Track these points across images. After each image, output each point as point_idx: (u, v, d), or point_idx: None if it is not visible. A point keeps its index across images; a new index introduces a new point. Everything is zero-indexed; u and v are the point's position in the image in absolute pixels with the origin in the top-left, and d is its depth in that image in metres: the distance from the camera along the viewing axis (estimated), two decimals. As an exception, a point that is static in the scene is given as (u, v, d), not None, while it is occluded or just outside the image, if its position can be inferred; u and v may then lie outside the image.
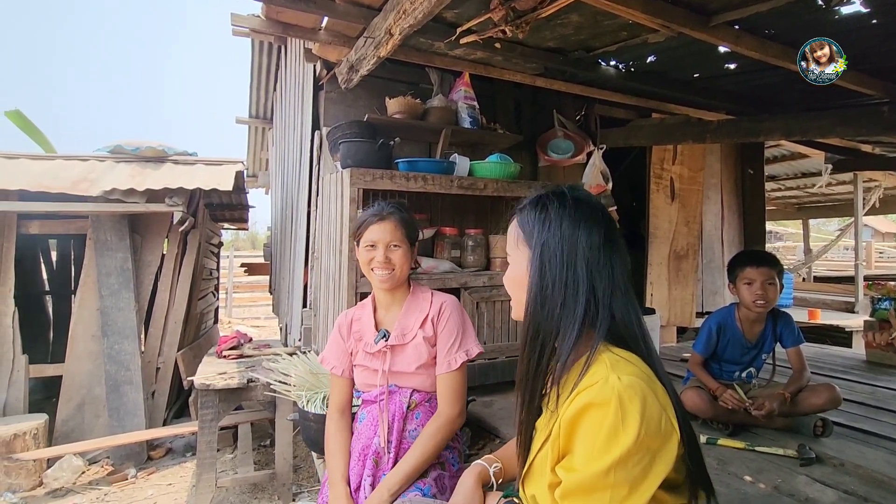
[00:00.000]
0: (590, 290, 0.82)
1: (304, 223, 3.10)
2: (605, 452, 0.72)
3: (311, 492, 2.66)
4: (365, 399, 1.49)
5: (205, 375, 2.55)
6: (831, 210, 8.70)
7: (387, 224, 1.44)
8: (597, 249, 0.84)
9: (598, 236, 0.84)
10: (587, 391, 0.76)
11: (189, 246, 3.85)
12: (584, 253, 0.83)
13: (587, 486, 0.74)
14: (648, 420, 0.73)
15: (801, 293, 6.49)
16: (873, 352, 3.47)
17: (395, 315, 1.50)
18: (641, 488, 0.72)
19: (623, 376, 0.75)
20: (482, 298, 2.54)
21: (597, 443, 0.73)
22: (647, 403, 0.73)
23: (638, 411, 0.72)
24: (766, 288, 2.05)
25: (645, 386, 0.75)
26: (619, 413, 0.72)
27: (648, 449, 0.72)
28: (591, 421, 0.75)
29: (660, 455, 0.73)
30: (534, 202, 0.90)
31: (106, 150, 3.66)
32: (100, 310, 3.25)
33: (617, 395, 0.73)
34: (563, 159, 3.31)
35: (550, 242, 0.84)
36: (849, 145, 4.43)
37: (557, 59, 2.52)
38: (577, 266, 0.83)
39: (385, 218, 1.45)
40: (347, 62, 2.40)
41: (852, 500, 1.56)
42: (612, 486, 0.72)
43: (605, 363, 0.78)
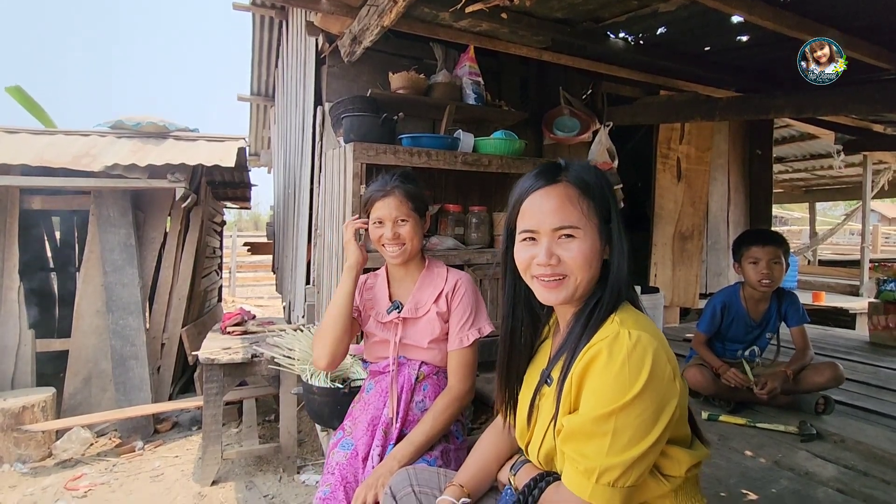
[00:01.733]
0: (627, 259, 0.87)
1: (307, 200, 3.09)
2: (610, 400, 0.74)
3: (315, 465, 2.70)
4: (373, 370, 1.50)
5: (209, 350, 2.58)
6: (839, 193, 8.60)
7: (392, 199, 1.42)
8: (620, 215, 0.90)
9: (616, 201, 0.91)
10: (598, 345, 0.78)
11: (192, 223, 3.84)
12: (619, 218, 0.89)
13: (588, 431, 0.76)
14: (655, 373, 0.74)
15: (806, 276, 6.47)
16: (877, 333, 3.46)
17: (408, 288, 1.50)
18: (642, 440, 0.73)
19: (633, 331, 0.77)
20: (485, 275, 2.53)
21: (603, 391, 0.75)
22: (656, 358, 0.75)
23: (646, 364, 0.74)
24: (772, 267, 2.04)
25: (653, 339, 0.77)
26: (626, 365, 0.74)
27: (653, 400, 0.74)
28: (599, 371, 0.76)
29: (664, 410, 0.74)
30: (593, 170, 0.90)
31: (107, 126, 3.63)
32: (104, 286, 3.27)
33: (626, 347, 0.75)
34: (568, 137, 3.26)
35: (615, 215, 0.88)
36: (860, 125, 4.35)
37: (565, 30, 2.46)
38: (624, 237, 0.88)
39: (389, 193, 1.43)
40: (350, 33, 2.35)
41: (852, 475, 1.57)
42: (612, 433, 0.74)
43: (616, 320, 0.80)
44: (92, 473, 2.64)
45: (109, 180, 3.14)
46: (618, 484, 0.74)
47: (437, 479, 1.05)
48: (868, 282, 5.53)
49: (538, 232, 0.87)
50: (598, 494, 0.74)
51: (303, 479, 2.55)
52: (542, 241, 0.86)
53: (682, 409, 0.79)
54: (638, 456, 0.73)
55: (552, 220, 0.85)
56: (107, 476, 2.61)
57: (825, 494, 1.46)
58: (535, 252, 0.87)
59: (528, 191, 0.89)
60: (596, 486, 0.74)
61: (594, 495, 0.74)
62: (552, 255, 0.85)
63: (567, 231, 0.85)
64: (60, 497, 2.41)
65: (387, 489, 1.05)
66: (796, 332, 2.14)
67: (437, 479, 1.05)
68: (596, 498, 0.74)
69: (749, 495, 1.44)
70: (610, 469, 0.73)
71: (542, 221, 0.86)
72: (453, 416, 1.39)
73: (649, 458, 0.75)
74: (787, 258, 2.08)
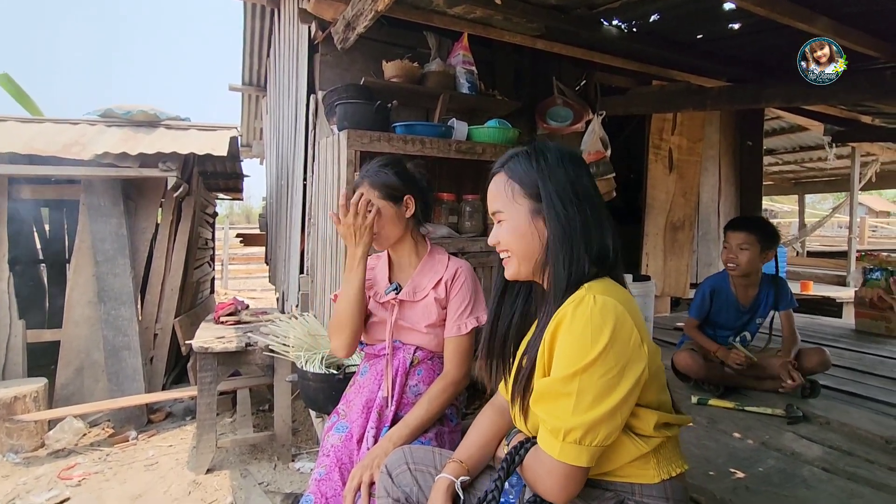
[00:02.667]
0: (596, 225, 0.89)
1: (300, 189, 3.07)
2: (572, 361, 0.77)
3: (309, 453, 2.71)
4: (368, 353, 1.51)
5: (203, 339, 2.57)
6: (827, 185, 8.70)
7: (360, 189, 1.45)
8: (593, 188, 0.93)
9: (588, 177, 0.93)
10: (564, 308, 0.82)
11: (184, 213, 3.82)
12: (587, 191, 0.90)
13: (554, 392, 0.79)
14: (617, 337, 0.77)
15: (795, 267, 6.56)
16: (862, 321, 3.53)
17: (408, 272, 1.52)
18: (606, 399, 0.76)
19: (598, 296, 0.80)
20: (479, 263, 2.54)
21: (567, 352, 0.79)
22: (619, 322, 0.78)
23: (608, 327, 0.77)
24: (739, 252, 2.09)
25: (618, 305, 0.80)
26: (587, 325, 0.77)
27: (616, 361, 0.77)
28: (563, 332, 0.80)
29: (629, 368, 0.77)
30: (523, 155, 0.96)
31: (96, 115, 3.58)
32: (95, 276, 3.24)
33: (589, 310, 0.78)
34: (561, 127, 3.27)
35: (559, 186, 0.90)
36: (848, 116, 4.40)
37: (559, 17, 2.46)
38: (585, 204, 0.89)
39: (359, 185, 1.47)
40: (344, 19, 2.33)
41: (836, 454, 1.62)
42: (576, 393, 0.77)
43: (585, 287, 0.84)
44: (85, 463, 2.64)
45: (100, 169, 3.11)
46: (584, 441, 0.77)
47: (433, 458, 1.07)
48: (855, 272, 5.62)
49: (490, 216, 1.00)
50: (567, 452, 0.78)
51: (297, 467, 2.56)
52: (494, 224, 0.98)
53: (654, 375, 0.83)
54: (602, 415, 0.76)
55: (489, 207, 0.99)
56: (100, 465, 2.61)
57: (810, 472, 1.49)
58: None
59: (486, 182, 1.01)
60: (564, 445, 0.78)
61: (563, 453, 0.78)
62: (495, 235, 0.98)
63: (498, 215, 0.97)
64: (54, 486, 2.41)
65: (383, 468, 1.06)
66: (784, 316, 2.18)
67: (433, 458, 1.07)
68: (564, 456, 0.78)
69: (737, 473, 1.47)
70: (576, 428, 0.76)
71: (488, 208, 0.99)
72: (448, 401, 1.41)
73: (616, 418, 0.78)
74: (767, 245, 2.09)
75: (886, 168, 7.18)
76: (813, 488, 1.41)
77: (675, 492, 0.86)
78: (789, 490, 1.40)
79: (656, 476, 0.84)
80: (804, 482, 1.44)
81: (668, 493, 0.85)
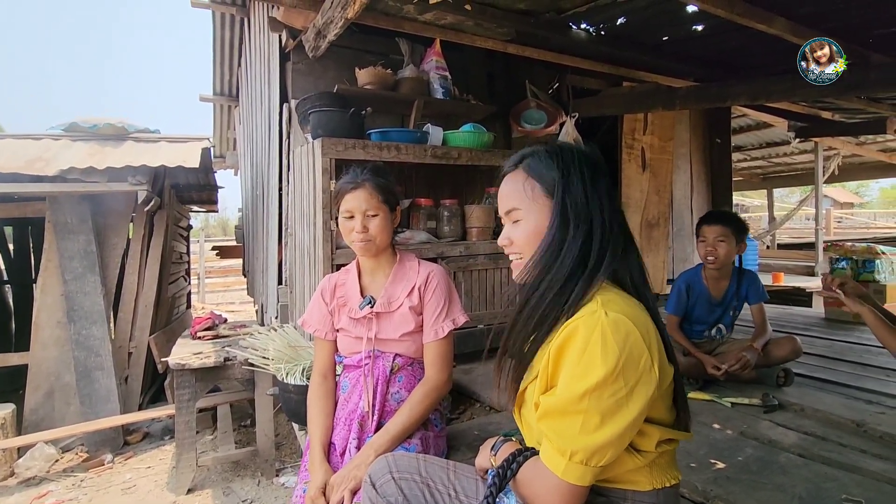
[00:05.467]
0: (606, 236, 0.85)
1: (276, 199, 3.03)
2: (581, 379, 0.75)
3: (293, 467, 2.66)
4: (347, 364, 1.48)
5: (179, 356, 2.51)
6: (794, 179, 9.00)
7: (362, 192, 1.41)
8: (610, 197, 0.87)
9: (606, 184, 0.88)
10: (574, 322, 0.79)
11: (156, 227, 3.73)
12: (603, 201, 0.86)
13: (561, 409, 0.77)
14: (629, 356, 0.75)
15: (766, 260, 6.75)
16: (831, 309, 3.65)
17: (380, 282, 1.49)
18: (614, 420, 0.75)
19: (610, 312, 0.77)
20: (459, 268, 2.55)
21: (576, 370, 0.76)
22: (630, 340, 0.75)
23: (618, 345, 0.74)
24: (717, 244, 2.13)
25: (631, 324, 0.77)
26: (598, 344, 0.75)
27: (626, 383, 0.74)
28: (573, 349, 0.77)
29: (637, 392, 0.75)
30: (548, 152, 0.91)
31: (60, 129, 3.48)
32: (64, 295, 3.14)
33: (600, 327, 0.76)
34: (536, 130, 3.31)
35: (576, 191, 0.86)
36: (810, 112, 4.56)
37: (528, 21, 2.49)
38: (597, 214, 0.86)
39: (360, 185, 1.42)
40: (314, 28, 2.32)
41: (811, 440, 1.66)
42: (584, 412, 0.75)
43: (597, 300, 0.80)
44: (58, 490, 2.54)
45: (66, 185, 3.01)
46: (590, 462, 0.75)
47: (418, 465, 1.04)
48: (822, 262, 5.82)
49: (501, 217, 0.94)
50: (571, 472, 0.76)
51: (282, 482, 2.51)
52: (504, 225, 0.94)
53: (662, 395, 0.81)
54: (610, 437, 0.74)
55: (502, 205, 0.93)
56: (74, 492, 2.51)
57: (787, 459, 1.53)
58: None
59: (498, 180, 0.96)
60: (569, 464, 0.76)
61: (567, 472, 0.76)
62: (506, 236, 0.93)
63: (512, 214, 0.92)
64: (25, 516, 2.31)
65: (366, 477, 1.04)
66: (755, 309, 2.24)
67: (418, 465, 1.04)
68: (569, 475, 0.76)
69: (717, 464, 1.50)
70: (583, 449, 0.75)
71: (500, 207, 0.94)
72: (431, 407, 1.40)
73: (623, 439, 0.76)
74: (739, 237, 2.15)
75: (848, 161, 7.47)
76: (789, 474, 1.44)
77: (667, 499, 0.85)
78: (767, 477, 1.43)
79: (648, 484, 0.84)
80: (781, 469, 1.47)
81: (659, 499, 0.85)
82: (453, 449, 1.62)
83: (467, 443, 1.70)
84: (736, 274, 2.25)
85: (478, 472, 1.04)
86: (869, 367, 2.47)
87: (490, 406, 2.14)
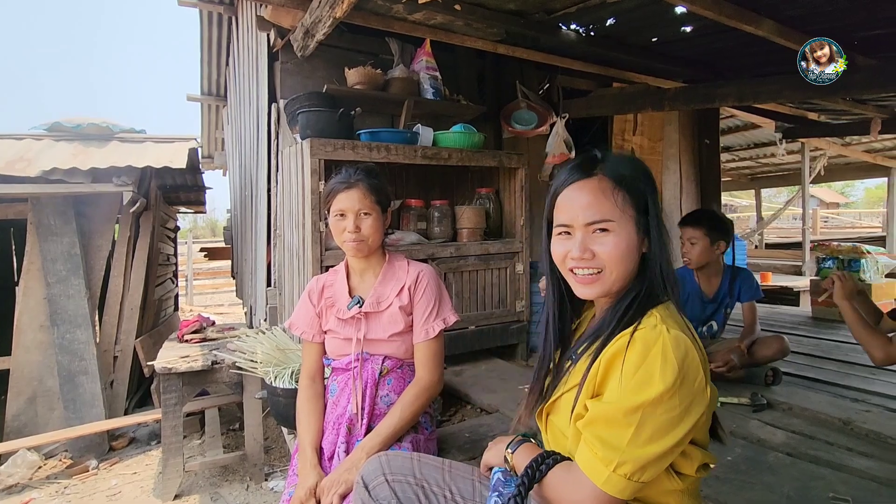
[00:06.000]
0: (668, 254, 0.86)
1: (264, 200, 3.00)
2: (636, 392, 0.73)
3: (283, 471, 2.63)
4: (335, 367, 1.46)
5: (166, 360, 2.47)
6: (781, 179, 9.11)
7: (355, 192, 1.40)
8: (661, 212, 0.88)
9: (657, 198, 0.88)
10: (635, 335, 0.77)
11: (142, 229, 3.67)
12: (661, 218, 0.87)
13: (611, 418, 0.75)
14: (686, 374, 0.73)
15: (754, 259, 6.81)
16: (819, 308, 3.69)
17: (369, 282, 1.47)
18: (664, 437, 0.73)
19: (672, 329, 0.76)
20: (450, 269, 2.53)
21: (632, 381, 0.74)
22: (688, 358, 0.74)
23: (678, 362, 0.73)
24: (690, 246, 2.18)
25: (690, 343, 0.76)
26: (659, 359, 0.73)
27: (681, 402, 0.73)
28: (632, 360, 0.75)
29: (689, 412, 0.74)
30: (632, 163, 0.89)
31: (43, 129, 3.42)
32: (47, 298, 3.08)
33: (662, 342, 0.74)
34: (526, 130, 3.31)
35: (656, 207, 0.86)
36: (797, 113, 4.62)
37: (518, 22, 2.49)
38: (664, 231, 0.87)
39: (353, 185, 1.40)
40: (302, 27, 2.29)
41: (799, 439, 1.67)
42: (635, 425, 0.73)
43: (657, 315, 0.79)
44: (41, 498, 2.48)
45: (48, 186, 2.95)
46: (634, 477, 0.73)
47: (412, 466, 1.02)
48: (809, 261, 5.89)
49: (572, 226, 0.86)
50: (613, 483, 0.74)
51: (271, 486, 2.48)
52: (576, 236, 0.85)
53: (707, 416, 0.80)
54: (658, 454, 0.73)
55: (585, 215, 0.84)
56: (58, 499, 2.46)
57: (775, 458, 1.54)
58: (570, 247, 0.86)
59: (563, 184, 0.89)
60: (612, 475, 0.74)
61: (608, 483, 0.74)
62: (586, 249, 0.84)
63: (601, 225, 0.84)
64: (6, 525, 2.26)
65: (358, 478, 1.02)
66: (746, 307, 2.26)
67: (412, 466, 1.02)
68: (610, 486, 0.74)
69: (707, 464, 1.50)
70: (630, 461, 0.73)
71: (575, 216, 0.85)
72: (422, 408, 1.39)
73: (668, 457, 0.75)
74: (714, 237, 2.16)
75: (833, 162, 7.57)
76: (777, 473, 1.45)
77: None
78: (756, 476, 1.44)
79: None
80: (769, 468, 1.48)
81: None
82: (444, 451, 1.61)
83: (458, 445, 1.69)
84: (729, 272, 2.26)
85: (482, 469, 1.01)
86: (855, 365, 2.50)
87: (481, 408, 2.13)
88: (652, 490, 0.80)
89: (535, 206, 2.96)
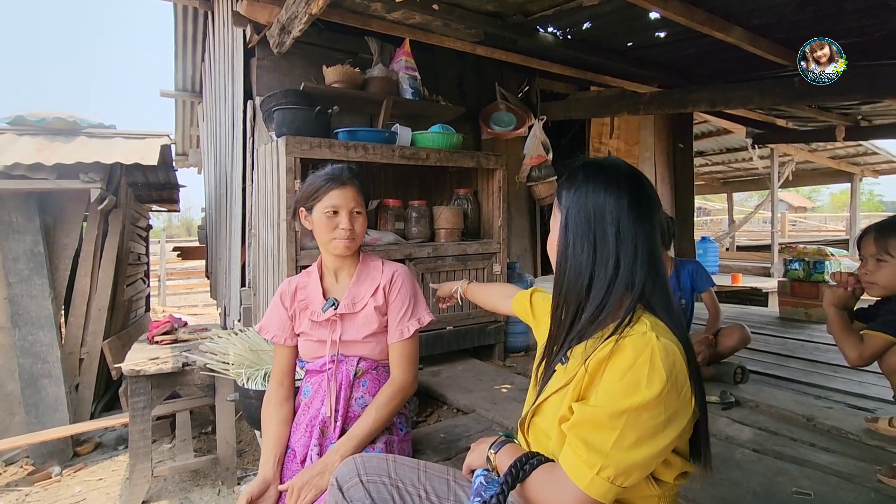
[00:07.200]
0: (618, 253, 0.83)
1: (239, 199, 2.94)
2: (622, 397, 0.74)
3: (256, 475, 2.58)
4: (309, 369, 1.44)
5: (134, 362, 2.39)
6: (751, 183, 9.40)
7: (350, 190, 1.39)
8: (624, 214, 0.83)
9: (625, 201, 0.83)
10: (623, 339, 0.77)
11: (111, 227, 3.55)
12: (612, 217, 0.83)
13: (597, 421, 0.76)
14: (674, 383, 0.74)
15: (726, 261, 7.01)
16: (785, 308, 3.81)
17: (344, 283, 1.45)
18: (647, 444, 0.74)
19: (661, 337, 0.76)
20: (427, 269, 2.53)
21: (619, 386, 0.75)
22: (677, 368, 0.75)
23: (666, 371, 0.73)
24: None
25: (678, 353, 0.77)
26: (647, 366, 0.74)
27: (665, 410, 0.74)
28: (620, 365, 0.76)
29: (674, 420, 0.75)
30: (570, 170, 0.91)
31: (5, 122, 3.28)
32: (8, 298, 2.95)
33: (651, 350, 0.75)
34: (505, 132, 3.33)
35: (575, 205, 0.86)
36: (766, 120, 4.77)
37: (496, 23, 2.51)
38: (604, 229, 0.83)
39: (346, 183, 1.39)
40: (279, 23, 2.26)
41: (765, 435, 1.72)
42: (619, 429, 0.73)
43: (646, 323, 0.79)
44: (0, 506, 2.38)
45: (10, 182, 2.83)
46: (616, 481, 0.74)
47: (387, 467, 1.02)
48: (778, 263, 6.09)
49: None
50: (596, 486, 0.75)
51: (243, 490, 2.43)
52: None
53: (690, 427, 0.80)
54: (641, 460, 0.74)
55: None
56: (18, 508, 2.36)
57: (742, 455, 1.58)
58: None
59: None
60: (595, 478, 0.74)
61: (591, 486, 0.75)
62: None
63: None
64: (-39, 536, 2.15)
65: (333, 480, 1.01)
66: (707, 297, 2.31)
67: (387, 467, 1.02)
68: (593, 489, 0.75)
69: (677, 462, 1.53)
70: (613, 465, 0.74)
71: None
72: (396, 408, 1.38)
73: (651, 464, 0.76)
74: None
75: (801, 167, 7.85)
76: (744, 469, 1.49)
77: None
78: (724, 473, 1.47)
79: None
80: (737, 464, 1.52)
81: None
82: (419, 452, 1.60)
83: (433, 446, 1.69)
84: (679, 265, 2.31)
85: (464, 472, 1.01)
86: (818, 363, 2.59)
87: (457, 408, 2.13)
88: (630, 495, 0.81)
89: (513, 206, 2.98)
